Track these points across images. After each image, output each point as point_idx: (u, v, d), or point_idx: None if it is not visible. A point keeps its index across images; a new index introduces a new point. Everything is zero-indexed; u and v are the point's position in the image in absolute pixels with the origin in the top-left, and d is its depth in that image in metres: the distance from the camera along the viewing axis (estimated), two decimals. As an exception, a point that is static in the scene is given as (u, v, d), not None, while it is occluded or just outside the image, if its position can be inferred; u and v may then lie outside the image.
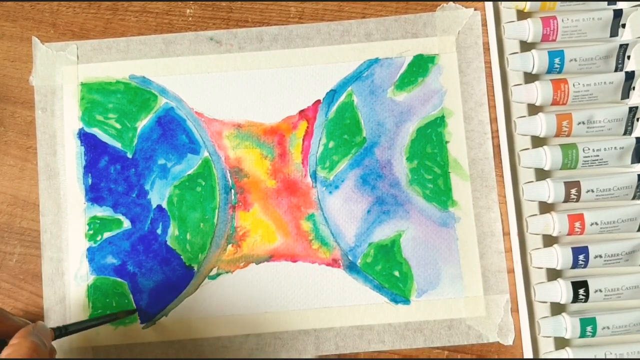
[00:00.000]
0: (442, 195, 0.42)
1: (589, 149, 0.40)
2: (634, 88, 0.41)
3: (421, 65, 0.43)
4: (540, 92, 0.41)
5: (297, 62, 0.43)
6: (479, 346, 0.41)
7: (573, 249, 0.39)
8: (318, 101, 0.43)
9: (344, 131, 0.43)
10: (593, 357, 0.39)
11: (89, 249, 0.41)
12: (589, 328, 0.39)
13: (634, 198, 0.40)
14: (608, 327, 0.39)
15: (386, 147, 0.42)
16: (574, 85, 0.41)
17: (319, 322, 0.41)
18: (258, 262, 0.42)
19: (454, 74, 0.43)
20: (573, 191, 0.40)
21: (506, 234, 0.42)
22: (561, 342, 0.40)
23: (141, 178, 0.42)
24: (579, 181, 0.40)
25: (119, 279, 0.41)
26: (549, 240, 0.41)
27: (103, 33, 0.44)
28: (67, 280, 0.41)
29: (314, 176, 0.42)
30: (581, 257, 0.39)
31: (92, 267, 0.41)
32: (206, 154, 0.42)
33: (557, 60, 0.41)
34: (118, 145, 0.42)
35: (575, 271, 0.41)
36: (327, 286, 0.41)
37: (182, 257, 0.42)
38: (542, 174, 0.41)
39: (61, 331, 0.36)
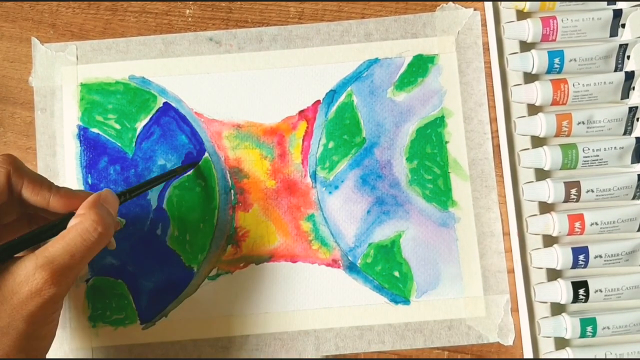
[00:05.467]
0: (442, 195, 0.42)
1: (588, 149, 0.40)
2: (633, 88, 0.41)
3: (421, 66, 0.43)
4: (540, 92, 0.41)
5: (296, 62, 0.43)
6: (479, 346, 0.41)
7: (573, 249, 0.39)
8: (318, 101, 0.43)
9: (344, 131, 0.43)
10: (593, 357, 0.39)
11: (88, 250, 0.41)
12: (589, 328, 0.39)
13: (634, 198, 0.40)
14: (608, 327, 0.39)
15: (386, 148, 0.42)
16: (573, 85, 0.41)
17: (319, 322, 0.41)
18: (258, 263, 0.42)
19: (453, 74, 0.43)
20: (573, 191, 0.40)
21: (506, 234, 0.42)
22: (561, 342, 0.40)
23: (141, 179, 0.42)
24: (579, 181, 0.40)
25: (118, 280, 0.41)
26: (549, 241, 0.41)
27: (102, 33, 0.44)
28: (67, 281, 0.41)
29: (314, 176, 0.42)
30: (581, 257, 0.39)
31: (91, 267, 0.41)
32: (206, 154, 0.42)
33: (556, 60, 0.41)
34: (118, 145, 0.42)
35: (575, 271, 0.41)
36: (327, 286, 0.41)
37: (181, 257, 0.41)
38: (542, 174, 0.41)
39: (125, 196, 0.37)
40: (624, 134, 0.41)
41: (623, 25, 0.42)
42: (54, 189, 0.34)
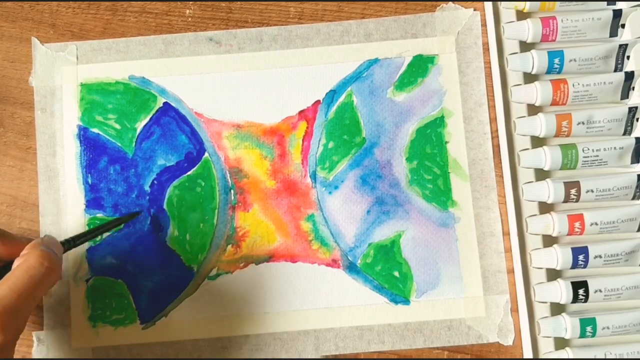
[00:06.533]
0: (441, 195, 0.42)
1: (588, 149, 0.40)
2: (633, 88, 0.41)
3: (421, 66, 0.43)
4: (539, 92, 0.41)
5: (296, 62, 0.43)
6: (479, 346, 0.41)
7: (573, 249, 0.39)
8: (318, 101, 0.43)
9: (344, 131, 0.43)
10: (593, 357, 0.39)
11: (88, 250, 0.41)
12: (588, 328, 0.39)
13: (633, 198, 0.40)
14: (608, 327, 0.39)
15: (386, 148, 0.42)
16: (573, 85, 0.41)
17: (319, 322, 0.41)
18: (258, 263, 0.42)
19: (453, 74, 0.43)
20: (573, 191, 0.40)
21: (506, 234, 0.42)
22: (561, 343, 0.40)
23: (141, 178, 0.42)
24: (578, 181, 0.40)
25: (118, 280, 0.41)
26: (549, 241, 0.41)
27: (102, 33, 0.44)
28: (67, 281, 0.41)
29: (314, 176, 0.42)
30: (581, 257, 0.39)
31: (91, 267, 0.41)
32: (206, 154, 0.42)
33: (556, 61, 0.41)
34: (118, 145, 0.42)
35: (575, 271, 0.41)
36: (327, 286, 0.41)
37: (181, 257, 0.41)
38: (541, 174, 0.41)
39: (70, 244, 0.36)
40: (624, 134, 0.41)
41: (623, 26, 0.42)
42: None
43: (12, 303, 0.29)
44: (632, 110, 0.41)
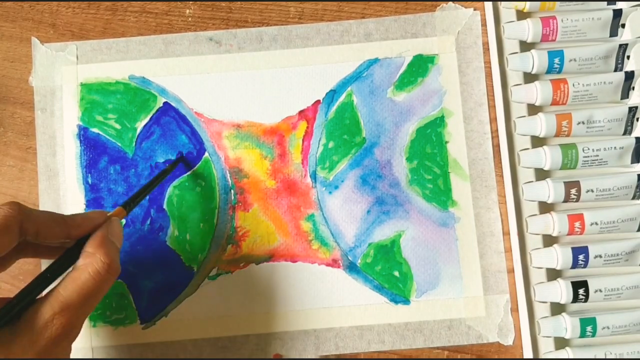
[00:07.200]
0: (441, 195, 0.42)
1: (588, 149, 0.40)
2: (633, 88, 0.41)
3: (421, 66, 0.43)
4: (539, 92, 0.41)
5: (296, 62, 0.43)
6: (479, 346, 0.41)
7: (573, 248, 0.39)
8: (318, 101, 0.43)
9: (344, 131, 0.43)
10: (593, 357, 0.39)
11: (88, 250, 0.41)
12: (589, 328, 0.39)
13: (633, 198, 0.40)
14: (608, 327, 0.39)
15: (386, 147, 0.42)
16: (573, 85, 0.41)
17: (319, 322, 0.41)
18: (258, 263, 0.42)
19: (453, 74, 0.43)
20: (573, 191, 0.40)
21: (506, 234, 0.42)
22: (561, 342, 0.40)
23: (141, 178, 0.42)
24: (578, 181, 0.40)
25: (118, 280, 0.41)
26: (549, 240, 0.41)
27: (102, 33, 0.44)
28: (67, 280, 0.41)
29: (314, 176, 0.42)
30: (581, 257, 0.39)
31: (91, 267, 0.41)
32: (206, 154, 0.42)
33: (556, 60, 0.41)
34: (118, 145, 0.42)
35: (575, 271, 0.41)
36: (327, 286, 0.41)
37: (181, 257, 0.41)
38: (541, 174, 0.41)
39: (130, 206, 0.37)
40: (624, 134, 0.41)
41: (623, 25, 0.42)
42: (69, 221, 0.33)
43: (82, 307, 0.31)
44: (632, 110, 0.41)
